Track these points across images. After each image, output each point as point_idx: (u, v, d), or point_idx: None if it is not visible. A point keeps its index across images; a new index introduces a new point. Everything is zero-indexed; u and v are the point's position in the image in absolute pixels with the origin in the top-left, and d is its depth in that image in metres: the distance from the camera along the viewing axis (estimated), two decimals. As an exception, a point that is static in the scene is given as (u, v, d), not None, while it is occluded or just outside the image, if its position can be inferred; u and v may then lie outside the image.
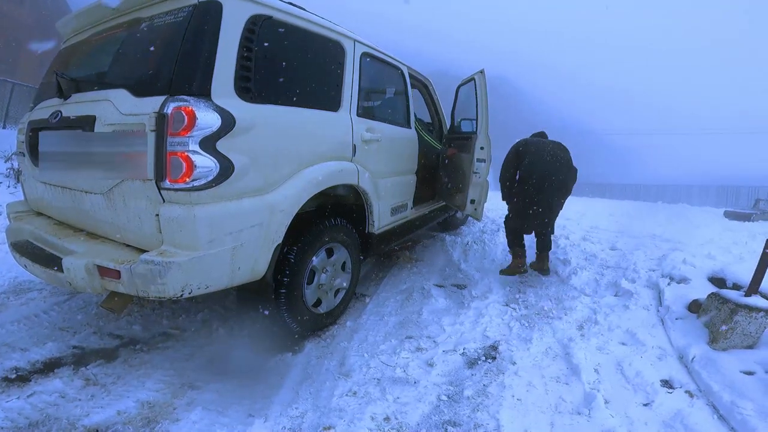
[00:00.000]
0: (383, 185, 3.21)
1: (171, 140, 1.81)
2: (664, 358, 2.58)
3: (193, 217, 1.86)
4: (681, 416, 2.01)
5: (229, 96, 1.98)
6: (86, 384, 2.16)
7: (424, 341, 2.71)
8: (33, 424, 1.84)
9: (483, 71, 3.76)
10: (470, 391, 2.20)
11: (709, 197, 22.37)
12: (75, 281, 1.97)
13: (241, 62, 2.04)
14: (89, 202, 2.23)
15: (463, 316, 3.08)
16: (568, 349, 2.63)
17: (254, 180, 2.10)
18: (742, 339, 2.57)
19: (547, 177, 3.60)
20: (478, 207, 3.83)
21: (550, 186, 3.61)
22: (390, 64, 3.51)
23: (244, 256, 2.10)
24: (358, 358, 2.49)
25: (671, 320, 2.98)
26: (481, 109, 3.71)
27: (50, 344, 2.46)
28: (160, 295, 1.86)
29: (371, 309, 3.25)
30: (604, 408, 2.07)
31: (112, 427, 1.86)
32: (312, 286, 2.69)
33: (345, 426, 1.92)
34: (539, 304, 3.33)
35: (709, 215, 10.12)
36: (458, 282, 3.83)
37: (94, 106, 2.12)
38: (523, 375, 2.36)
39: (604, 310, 3.22)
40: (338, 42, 2.76)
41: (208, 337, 2.73)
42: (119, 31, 2.33)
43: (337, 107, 2.73)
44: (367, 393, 2.17)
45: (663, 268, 3.99)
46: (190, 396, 2.12)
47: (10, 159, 6.75)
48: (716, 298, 2.77)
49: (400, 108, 3.73)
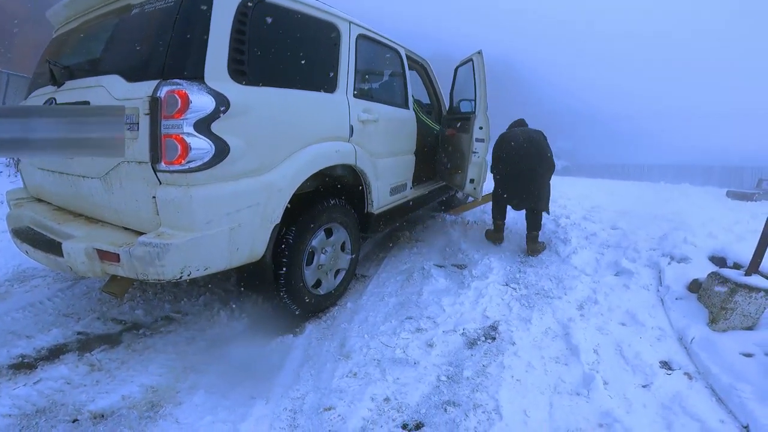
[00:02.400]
0: (381, 165, 3.21)
1: (165, 123, 1.81)
2: (663, 339, 2.59)
3: (190, 198, 1.87)
4: (679, 398, 2.03)
5: (223, 79, 1.97)
6: (91, 370, 2.18)
7: (424, 322, 2.73)
8: (40, 410, 1.87)
9: (481, 52, 3.80)
10: (470, 372, 2.22)
11: (712, 177, 22.21)
12: (75, 265, 1.99)
13: (234, 45, 2.02)
14: (87, 187, 2.24)
15: (463, 296, 3.09)
16: (567, 330, 2.64)
17: (250, 161, 2.10)
18: (741, 320, 2.58)
19: (515, 164, 3.88)
20: (477, 186, 3.90)
21: (519, 171, 3.87)
22: (387, 46, 3.50)
23: (242, 236, 2.11)
24: (358, 339, 2.51)
25: (671, 300, 2.98)
26: (480, 89, 3.75)
27: (55, 331, 2.49)
28: (160, 277, 1.87)
29: (371, 290, 3.26)
30: (602, 389, 2.08)
31: (117, 412, 1.89)
32: (311, 267, 2.70)
33: (345, 407, 1.95)
34: (539, 284, 3.34)
35: (712, 195, 10.08)
36: (458, 262, 3.84)
37: (88, 92, 2.13)
38: (522, 355, 2.38)
39: (604, 290, 3.22)
40: (333, 24, 2.74)
41: (209, 319, 2.75)
42: (110, 18, 2.32)
43: (334, 89, 2.72)
44: (367, 374, 2.20)
45: (664, 247, 3.99)
46: (193, 379, 2.15)
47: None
48: (716, 277, 2.77)
49: (398, 89, 3.72)
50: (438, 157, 4.49)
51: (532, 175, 3.84)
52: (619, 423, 1.86)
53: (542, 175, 3.88)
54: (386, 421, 1.88)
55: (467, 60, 4.03)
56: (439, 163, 4.46)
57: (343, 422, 1.85)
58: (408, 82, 3.76)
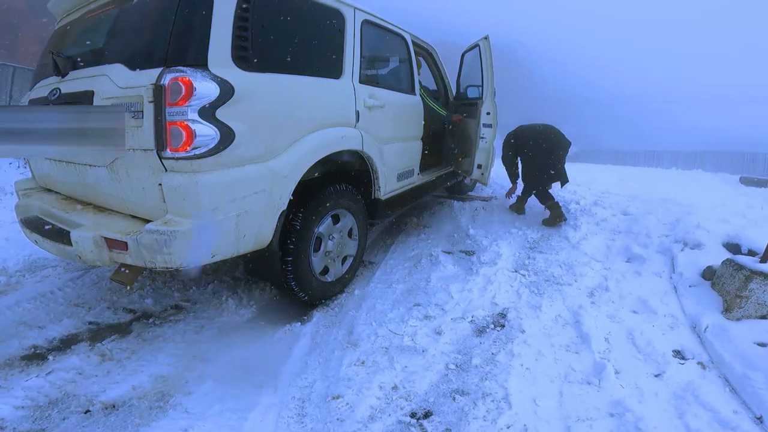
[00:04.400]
0: (388, 151, 3.19)
1: (169, 110, 1.80)
2: (676, 327, 2.56)
3: (196, 184, 1.86)
4: (692, 388, 2.00)
5: (227, 65, 1.95)
6: (102, 360, 2.20)
7: (432, 309, 2.72)
8: (52, 402, 1.88)
9: (487, 37, 3.77)
10: (478, 360, 2.21)
11: (724, 164, 21.82)
12: (84, 254, 2.00)
13: (238, 32, 2.00)
14: (93, 175, 2.24)
15: (471, 282, 3.07)
16: (578, 317, 2.61)
17: (256, 147, 2.09)
18: (756, 308, 2.53)
19: (542, 159, 4.37)
20: (485, 172, 3.91)
21: (544, 162, 4.38)
22: (393, 32, 3.46)
23: (248, 223, 2.11)
24: (366, 327, 2.51)
25: (684, 287, 2.94)
26: (487, 75, 3.73)
27: (66, 321, 2.50)
28: (167, 265, 1.88)
29: (379, 276, 3.25)
30: (614, 378, 2.06)
31: (128, 402, 1.90)
32: (319, 254, 2.69)
33: (353, 395, 1.94)
34: (549, 270, 3.31)
35: (725, 181, 9.91)
36: (466, 248, 3.81)
37: (92, 81, 2.12)
38: (532, 343, 2.35)
39: (616, 277, 3.18)
40: (338, 10, 2.70)
41: (218, 308, 2.76)
42: (113, 7, 2.32)
43: (339, 74, 2.69)
44: (375, 362, 2.19)
45: (676, 233, 3.92)
46: (201, 369, 2.16)
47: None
48: (731, 264, 2.72)
49: (404, 75, 3.68)
50: (445, 143, 4.47)
51: (553, 159, 4.38)
52: (630, 412, 1.83)
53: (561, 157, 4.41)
54: (394, 409, 1.87)
55: (474, 45, 4.00)
56: (447, 148, 4.44)
57: (351, 411, 1.85)
58: (414, 67, 3.72)
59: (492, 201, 5.14)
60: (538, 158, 4.40)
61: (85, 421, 1.78)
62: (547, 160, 4.39)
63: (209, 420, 1.79)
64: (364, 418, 1.81)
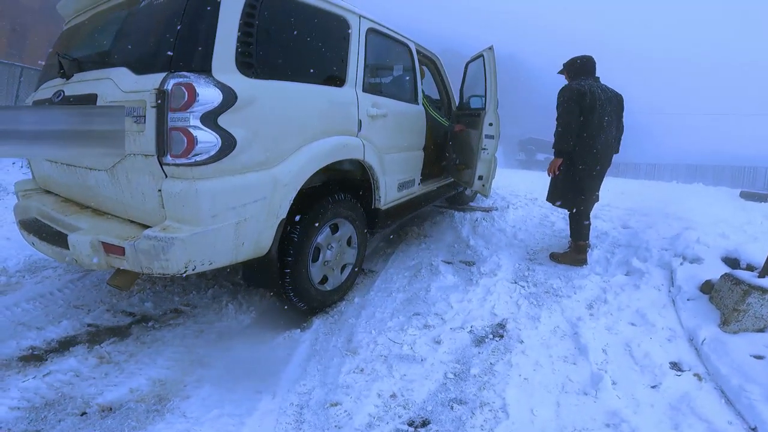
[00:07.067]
0: (389, 160, 3.19)
1: (172, 116, 1.80)
2: (673, 339, 2.56)
3: (196, 191, 1.86)
4: (688, 399, 2.00)
5: (231, 72, 1.96)
6: (100, 362, 2.19)
7: (431, 318, 2.72)
8: (49, 403, 1.88)
9: (492, 47, 3.75)
10: (477, 370, 2.21)
11: (725, 178, 21.95)
12: (80, 258, 1.99)
13: (243, 38, 2.01)
14: (94, 179, 2.24)
15: (471, 293, 3.07)
16: (576, 329, 2.62)
17: (257, 154, 2.09)
18: (753, 322, 2.53)
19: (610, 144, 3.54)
20: (486, 183, 3.87)
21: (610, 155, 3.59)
22: (397, 41, 3.46)
23: (247, 231, 2.11)
24: (365, 335, 2.51)
25: (683, 301, 2.94)
26: (490, 86, 3.70)
27: (65, 322, 2.50)
28: (164, 271, 1.86)
29: (379, 285, 3.26)
30: (611, 389, 2.06)
31: (125, 405, 1.90)
32: (317, 264, 2.68)
33: (352, 403, 1.94)
34: (548, 282, 3.31)
35: (726, 195, 9.92)
36: (467, 259, 3.82)
37: (96, 84, 2.13)
38: (530, 354, 2.36)
39: (614, 290, 3.19)
40: (343, 17, 2.71)
41: (217, 312, 2.76)
42: (119, 10, 2.34)
43: (343, 83, 2.70)
44: (374, 370, 2.19)
45: (676, 247, 3.92)
46: (200, 373, 2.15)
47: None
48: (729, 278, 2.72)
49: (408, 84, 3.69)
50: (447, 154, 4.46)
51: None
52: (626, 423, 1.83)
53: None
54: (392, 417, 1.87)
55: (478, 56, 4.00)
56: (448, 159, 4.44)
57: (350, 418, 1.85)
58: (418, 77, 3.72)
59: (492, 212, 5.15)
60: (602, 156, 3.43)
61: (81, 423, 1.78)
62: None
63: (207, 424, 1.79)
64: (362, 425, 1.81)
